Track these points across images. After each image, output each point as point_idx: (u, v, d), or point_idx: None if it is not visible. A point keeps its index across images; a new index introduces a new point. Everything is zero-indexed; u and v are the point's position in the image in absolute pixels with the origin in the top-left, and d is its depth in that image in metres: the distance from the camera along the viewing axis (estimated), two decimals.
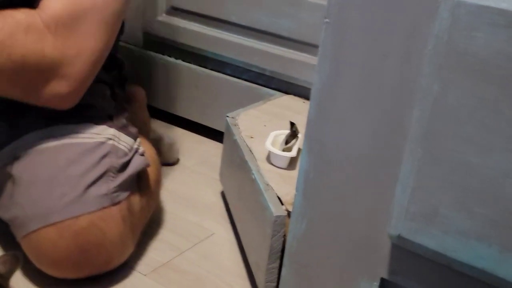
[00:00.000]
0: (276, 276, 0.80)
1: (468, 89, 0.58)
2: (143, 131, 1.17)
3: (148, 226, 1.01)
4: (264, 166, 0.94)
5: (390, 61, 0.64)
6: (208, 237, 1.04)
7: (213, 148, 1.34)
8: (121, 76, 1.16)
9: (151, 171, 1.00)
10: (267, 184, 0.87)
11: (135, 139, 0.96)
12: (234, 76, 1.35)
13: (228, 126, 1.12)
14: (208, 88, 1.39)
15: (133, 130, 0.97)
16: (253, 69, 1.32)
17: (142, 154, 0.95)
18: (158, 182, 1.04)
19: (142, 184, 0.95)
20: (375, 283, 0.71)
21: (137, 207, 0.91)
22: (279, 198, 0.83)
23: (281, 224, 0.78)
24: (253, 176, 0.91)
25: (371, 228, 0.69)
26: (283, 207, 0.81)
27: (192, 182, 1.22)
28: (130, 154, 0.91)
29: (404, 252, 0.68)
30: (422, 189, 0.62)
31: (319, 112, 0.71)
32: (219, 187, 1.18)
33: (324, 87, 0.69)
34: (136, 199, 0.91)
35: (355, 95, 0.67)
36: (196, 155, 1.33)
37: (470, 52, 0.56)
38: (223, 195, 1.16)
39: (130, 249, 0.90)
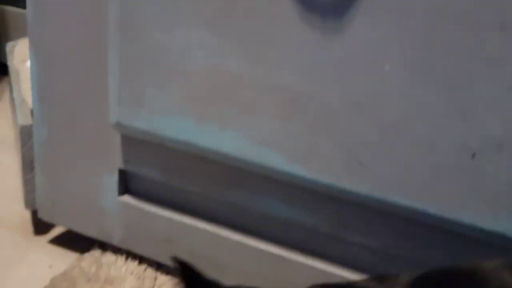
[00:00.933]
0: (33, 186, 0.81)
1: None
2: None
3: None
4: (29, 85, 0.93)
5: None
6: None
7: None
8: None
9: None
10: (23, 100, 0.87)
11: None
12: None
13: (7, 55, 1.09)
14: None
15: None
16: None
17: None
18: None
19: None
20: (114, 174, 0.75)
21: None
22: (32, 111, 0.84)
23: (28, 134, 0.79)
24: (12, 95, 0.90)
25: (101, 121, 0.72)
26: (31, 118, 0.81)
27: None
28: None
29: (130, 140, 0.71)
30: (127, 74, 0.65)
31: (36, 13, 0.71)
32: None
33: None
34: None
35: None
36: None
37: None
38: None
39: None
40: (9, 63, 1.05)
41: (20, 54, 1.05)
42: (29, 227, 0.88)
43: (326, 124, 0.58)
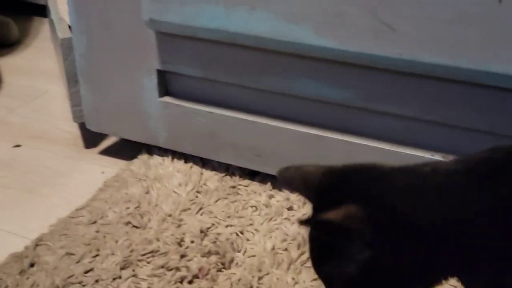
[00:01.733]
0: (79, 99, 0.85)
1: None
2: None
3: None
4: (65, 6, 0.96)
5: None
6: (41, 95, 1.08)
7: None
8: None
9: None
10: (61, 18, 0.90)
11: None
12: None
13: None
14: None
15: None
16: None
17: None
18: None
19: None
20: (153, 76, 0.77)
21: None
22: (70, 27, 0.87)
23: (69, 47, 0.82)
24: (51, 17, 0.94)
25: (136, 23, 0.74)
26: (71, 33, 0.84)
27: (31, 55, 1.24)
28: None
29: (164, 38, 0.73)
30: None
31: None
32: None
33: None
34: None
35: None
36: (36, 33, 1.34)
37: None
38: None
39: None
40: None
41: None
42: (80, 142, 0.92)
43: None
